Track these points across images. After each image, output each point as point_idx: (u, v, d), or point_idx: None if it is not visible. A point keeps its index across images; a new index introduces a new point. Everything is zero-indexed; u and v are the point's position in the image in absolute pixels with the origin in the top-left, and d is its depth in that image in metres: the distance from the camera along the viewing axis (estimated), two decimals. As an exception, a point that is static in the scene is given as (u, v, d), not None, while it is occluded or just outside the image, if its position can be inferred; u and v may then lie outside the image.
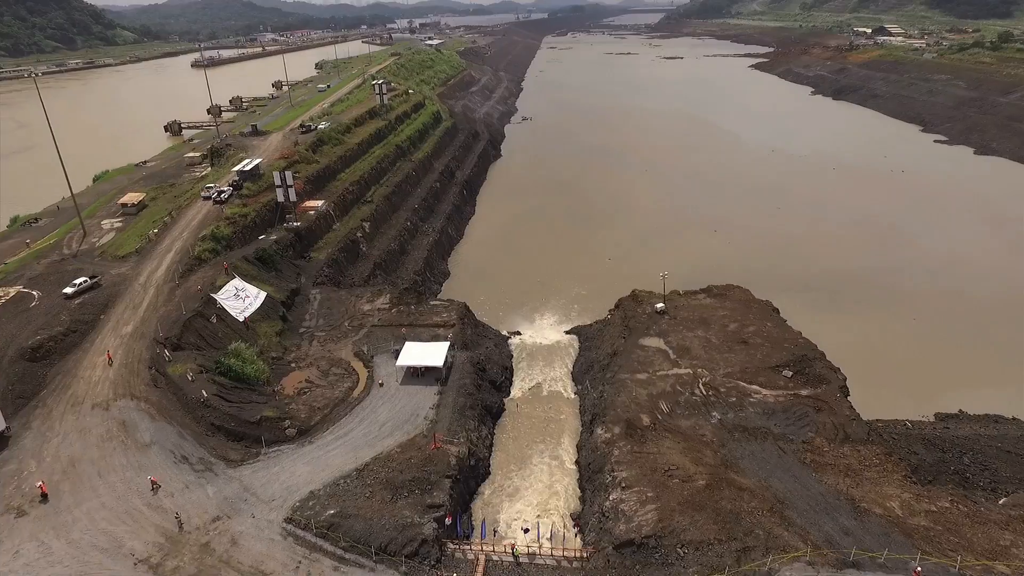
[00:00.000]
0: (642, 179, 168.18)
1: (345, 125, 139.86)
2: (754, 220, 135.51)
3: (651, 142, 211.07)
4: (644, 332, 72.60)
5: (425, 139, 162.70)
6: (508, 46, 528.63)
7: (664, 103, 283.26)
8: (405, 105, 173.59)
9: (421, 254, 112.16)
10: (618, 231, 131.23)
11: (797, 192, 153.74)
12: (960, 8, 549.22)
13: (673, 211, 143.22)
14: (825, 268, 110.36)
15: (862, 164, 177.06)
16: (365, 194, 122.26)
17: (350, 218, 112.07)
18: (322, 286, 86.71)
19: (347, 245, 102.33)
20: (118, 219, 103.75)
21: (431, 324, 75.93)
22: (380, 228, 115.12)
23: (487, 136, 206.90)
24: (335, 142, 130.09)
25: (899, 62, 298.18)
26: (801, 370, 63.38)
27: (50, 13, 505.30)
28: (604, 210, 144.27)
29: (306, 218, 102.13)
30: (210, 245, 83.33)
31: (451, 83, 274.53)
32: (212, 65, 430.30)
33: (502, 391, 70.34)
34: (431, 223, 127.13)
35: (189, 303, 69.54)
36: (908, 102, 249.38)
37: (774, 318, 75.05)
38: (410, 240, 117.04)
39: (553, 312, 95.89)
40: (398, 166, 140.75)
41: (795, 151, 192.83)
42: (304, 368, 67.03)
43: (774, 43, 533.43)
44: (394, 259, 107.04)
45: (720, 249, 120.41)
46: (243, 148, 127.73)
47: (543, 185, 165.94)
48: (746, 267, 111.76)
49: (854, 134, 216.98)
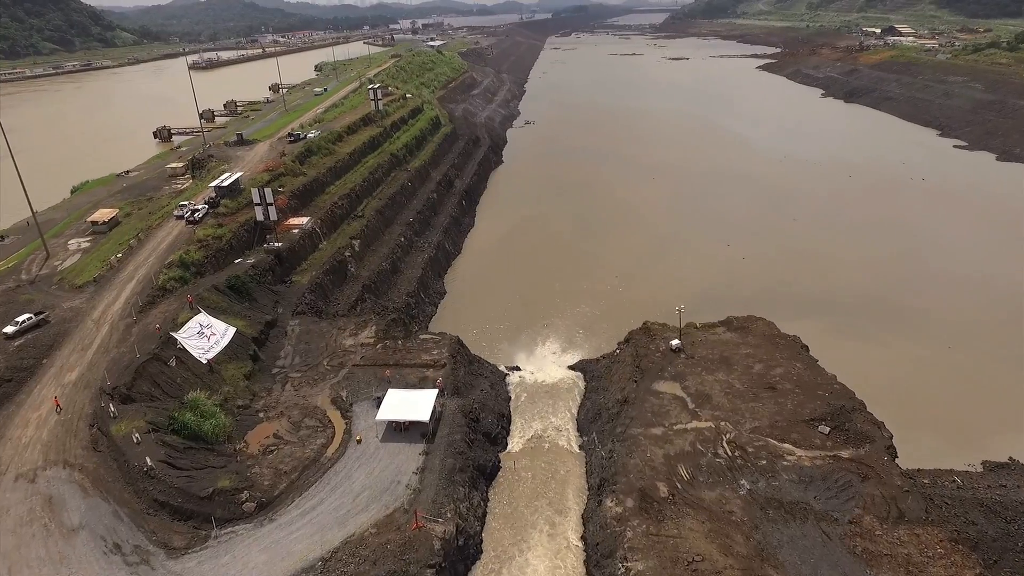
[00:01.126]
0: (649, 187, 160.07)
1: (336, 133, 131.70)
2: (768, 232, 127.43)
3: (658, 147, 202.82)
4: (658, 374, 64.53)
5: (423, 146, 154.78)
6: (511, 47, 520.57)
7: (671, 105, 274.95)
8: (402, 110, 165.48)
9: (415, 273, 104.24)
10: (625, 244, 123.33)
11: (812, 201, 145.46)
12: (970, 7, 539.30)
13: (682, 221, 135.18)
14: (846, 287, 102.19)
15: (879, 171, 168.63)
16: (356, 208, 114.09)
17: (338, 235, 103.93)
18: (302, 316, 78.69)
19: (333, 266, 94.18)
20: (87, 238, 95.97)
21: (419, 364, 67.93)
22: (371, 245, 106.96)
23: (488, 141, 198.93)
24: (325, 152, 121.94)
25: (912, 63, 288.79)
26: (840, 425, 55.22)
27: (48, 14, 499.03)
28: (609, 220, 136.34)
29: (289, 237, 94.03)
30: (177, 273, 75.32)
31: (452, 86, 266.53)
32: (210, 67, 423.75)
33: (498, 443, 62.19)
34: (427, 237, 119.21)
35: (145, 344, 61.61)
36: (923, 105, 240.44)
37: (803, 357, 66.87)
38: (403, 258, 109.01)
39: (556, 338, 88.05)
40: (393, 176, 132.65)
41: (808, 157, 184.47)
42: (273, 419, 59.13)
43: (781, 43, 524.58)
44: (385, 280, 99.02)
45: (734, 265, 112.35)
46: (226, 159, 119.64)
47: (546, 193, 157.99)
48: (762, 285, 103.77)
49: (868, 139, 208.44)
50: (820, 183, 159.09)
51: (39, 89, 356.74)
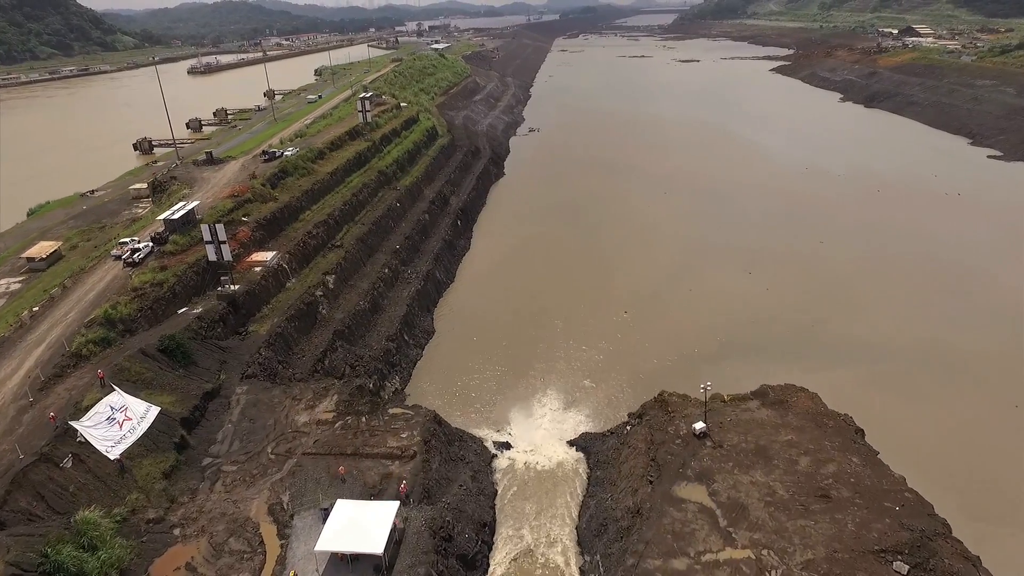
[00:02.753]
0: (660, 203, 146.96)
1: (317, 150, 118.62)
2: (793, 257, 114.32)
3: (669, 157, 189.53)
4: (679, 472, 51.52)
5: (416, 161, 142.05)
6: (517, 49, 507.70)
7: (682, 111, 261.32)
8: (395, 121, 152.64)
9: (398, 311, 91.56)
10: (634, 271, 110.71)
11: (840, 220, 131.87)
12: (989, 6, 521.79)
13: (697, 244, 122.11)
14: (888, 326, 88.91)
15: (910, 185, 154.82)
16: (334, 236, 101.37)
17: (310, 271, 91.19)
18: (252, 380, 65.84)
19: (301, 309, 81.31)
20: (19, 278, 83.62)
21: (383, 454, 55.05)
22: (349, 280, 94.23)
23: (488, 152, 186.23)
24: (302, 172, 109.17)
25: (935, 66, 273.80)
26: (922, 562, 42.08)
27: (47, 18, 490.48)
28: (617, 242, 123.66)
29: (249, 277, 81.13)
30: (99, 334, 62.38)
31: (453, 91, 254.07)
32: (209, 72, 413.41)
33: (476, 567, 49.30)
34: (415, 266, 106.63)
35: (33, 439, 49.21)
36: (950, 111, 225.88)
37: (860, 448, 53.53)
38: (386, 292, 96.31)
39: (556, 393, 75.99)
40: (380, 197, 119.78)
41: (831, 168, 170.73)
42: (191, 539, 46.54)
43: (793, 45, 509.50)
44: (362, 322, 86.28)
45: (757, 297, 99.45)
46: (189, 182, 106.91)
47: (548, 210, 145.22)
48: (790, 323, 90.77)
49: (894, 148, 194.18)
50: (847, 199, 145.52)
51: (32, 95, 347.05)
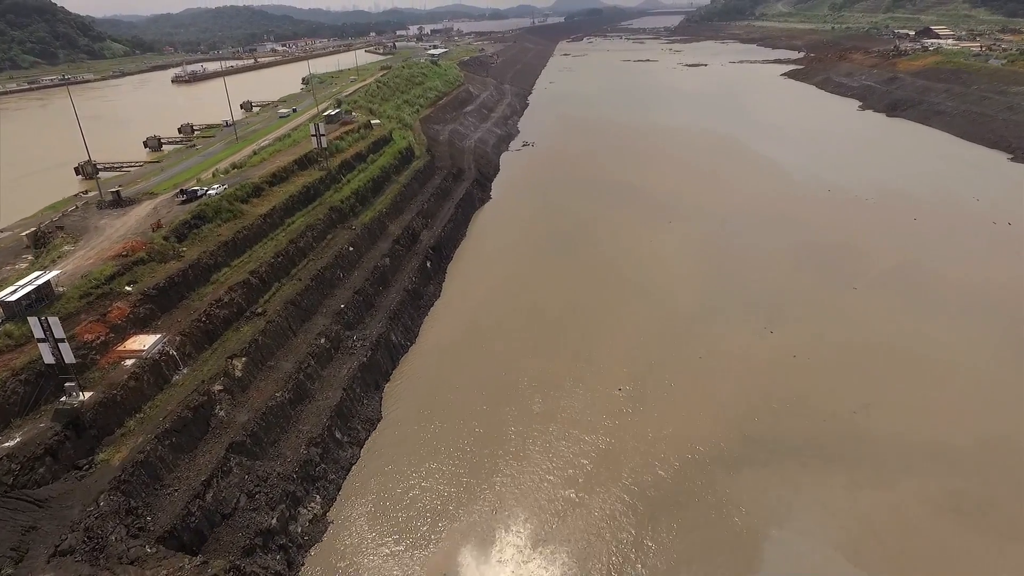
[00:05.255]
0: (663, 233, 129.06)
1: (252, 186, 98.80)
2: (822, 309, 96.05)
3: (674, 174, 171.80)
4: None
5: (382, 190, 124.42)
6: (518, 53, 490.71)
7: (688, 121, 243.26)
8: (360, 144, 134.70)
9: (331, 398, 71.12)
10: (631, 330, 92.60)
11: (874, 259, 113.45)
12: (1008, 5, 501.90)
13: (707, 292, 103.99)
14: (956, 418, 70.73)
15: (950, 210, 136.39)
16: (256, 301, 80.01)
17: (212, 354, 69.21)
18: (66, 561, 44.09)
19: (185, 417, 59.59)
20: None
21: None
22: (268, 360, 72.38)
23: (474, 173, 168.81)
24: (227, 216, 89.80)
25: (961, 70, 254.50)
26: None
27: (32, 26, 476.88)
28: (613, 288, 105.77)
29: (114, 377, 59.97)
30: None
31: (442, 103, 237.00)
32: (194, 81, 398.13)
33: None
34: (364, 330, 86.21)
35: None
36: (984, 121, 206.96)
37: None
38: (319, 371, 75.12)
39: (524, 522, 58.31)
40: (329, 240, 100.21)
41: (857, 190, 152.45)
42: None
43: (804, 47, 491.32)
44: (277, 422, 65.27)
45: (782, 368, 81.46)
46: (80, 232, 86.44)
47: (536, 243, 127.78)
48: (827, 409, 72.54)
49: (924, 164, 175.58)
50: (879, 230, 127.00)
51: (2, 108, 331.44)
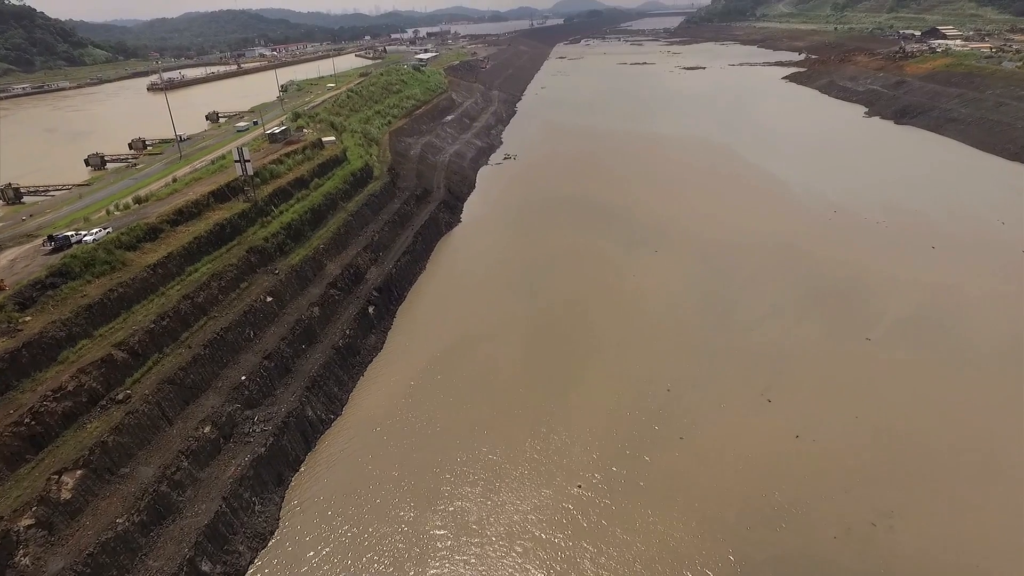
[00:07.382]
0: (647, 267, 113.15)
1: (146, 227, 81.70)
2: (831, 369, 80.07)
3: (665, 194, 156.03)
4: None
5: (323, 222, 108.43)
6: (511, 57, 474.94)
7: (683, 130, 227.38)
8: (303, 167, 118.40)
9: (202, 514, 55.42)
10: (608, 396, 76.85)
11: (889, 300, 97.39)
12: (1016, 4, 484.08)
13: (693, 346, 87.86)
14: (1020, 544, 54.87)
15: (973, 238, 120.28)
16: (120, 383, 62.47)
17: (31, 471, 52.25)
18: None
19: None
20: None
21: None
22: (122, 466, 56.42)
23: (443, 193, 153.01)
24: (102, 268, 72.67)
25: (974, 74, 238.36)
26: None
27: (8, 32, 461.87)
28: (587, 339, 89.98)
29: None
30: None
31: (419, 112, 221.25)
32: (171, 88, 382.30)
33: None
34: (271, 406, 69.93)
35: None
36: (1002, 130, 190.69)
37: None
38: (195, 473, 58.99)
39: None
40: (242, 289, 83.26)
41: (865, 211, 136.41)
42: None
43: (806, 49, 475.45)
44: (112, 563, 48.95)
45: (785, 456, 65.55)
46: None
47: (502, 277, 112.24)
48: (847, 517, 56.26)
49: (939, 179, 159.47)
50: (893, 261, 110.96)
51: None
